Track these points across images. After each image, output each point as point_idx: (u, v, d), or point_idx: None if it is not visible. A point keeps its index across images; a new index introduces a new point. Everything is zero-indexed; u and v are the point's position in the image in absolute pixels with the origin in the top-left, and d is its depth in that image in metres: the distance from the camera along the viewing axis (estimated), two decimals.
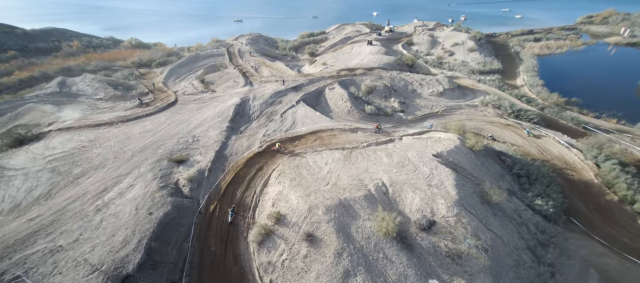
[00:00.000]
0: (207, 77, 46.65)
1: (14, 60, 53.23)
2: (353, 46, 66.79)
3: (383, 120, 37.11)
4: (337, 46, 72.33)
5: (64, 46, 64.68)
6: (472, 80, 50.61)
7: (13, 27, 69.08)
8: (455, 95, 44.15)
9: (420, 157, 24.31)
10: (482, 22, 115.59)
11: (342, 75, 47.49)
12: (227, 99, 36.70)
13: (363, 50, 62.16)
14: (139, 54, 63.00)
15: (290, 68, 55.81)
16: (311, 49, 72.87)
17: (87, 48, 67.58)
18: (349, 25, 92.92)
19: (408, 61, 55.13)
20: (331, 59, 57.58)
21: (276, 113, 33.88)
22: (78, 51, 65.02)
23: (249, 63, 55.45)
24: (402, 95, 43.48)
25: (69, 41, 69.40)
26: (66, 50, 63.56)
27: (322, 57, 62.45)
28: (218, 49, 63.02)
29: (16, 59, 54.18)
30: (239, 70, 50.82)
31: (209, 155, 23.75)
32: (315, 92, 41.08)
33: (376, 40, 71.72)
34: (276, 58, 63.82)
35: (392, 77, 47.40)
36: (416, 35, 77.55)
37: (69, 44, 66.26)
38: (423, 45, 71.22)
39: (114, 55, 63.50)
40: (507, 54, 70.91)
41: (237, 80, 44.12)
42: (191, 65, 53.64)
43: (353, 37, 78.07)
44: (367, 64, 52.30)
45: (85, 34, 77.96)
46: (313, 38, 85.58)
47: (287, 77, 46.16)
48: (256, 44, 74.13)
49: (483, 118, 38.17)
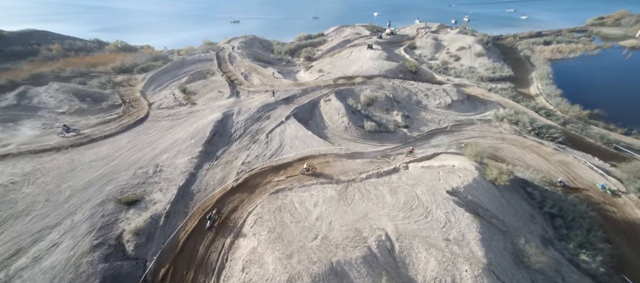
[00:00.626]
0: (190, 86, 41.80)
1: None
2: (352, 50, 61.90)
3: (385, 139, 32.31)
4: (335, 50, 67.48)
5: (43, 49, 60.03)
6: (482, 89, 45.75)
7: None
8: (465, 108, 39.28)
9: (432, 194, 19.49)
10: (486, 23, 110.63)
11: (339, 84, 42.65)
12: (208, 113, 31.88)
13: (363, 55, 57.28)
14: (122, 58, 58.18)
15: (284, 74, 51.01)
16: (308, 52, 68.02)
17: (68, 51, 62.84)
18: (348, 27, 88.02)
19: (411, 67, 50.24)
20: (328, 65, 52.72)
21: (262, 131, 29.06)
22: (58, 55, 60.27)
23: (239, 69, 50.62)
24: (405, 107, 38.63)
25: (49, 44, 64.75)
26: (45, 54, 58.88)
27: (318, 62, 57.62)
28: (207, 53, 58.19)
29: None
30: (226, 77, 45.98)
31: (171, 192, 18.98)
32: (308, 104, 36.26)
33: (377, 43, 66.85)
34: (270, 63, 59.02)
35: (394, 86, 42.55)
36: (419, 38, 72.61)
37: (49, 47, 61.61)
38: (427, 49, 66.31)
39: (96, 59, 58.70)
40: (515, 58, 66.02)
41: (222, 90, 39.28)
42: (175, 72, 48.83)
43: (352, 40, 73.20)
44: (366, 71, 47.43)
45: (69, 36, 73.09)
46: (310, 41, 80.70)
47: (279, 87, 41.34)
48: (250, 47, 69.31)
49: (498, 135, 33.32)
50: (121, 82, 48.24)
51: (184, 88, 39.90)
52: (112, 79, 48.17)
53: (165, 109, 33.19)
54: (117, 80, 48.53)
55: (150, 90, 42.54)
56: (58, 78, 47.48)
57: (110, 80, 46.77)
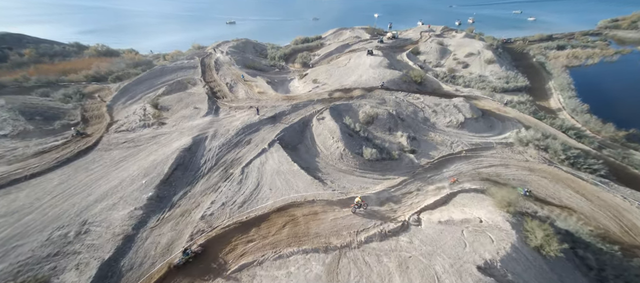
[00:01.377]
0: (165, 99, 36.06)
1: None
2: (350, 56, 56.11)
3: (388, 169, 26.60)
4: (332, 55, 61.66)
5: (13, 55, 54.42)
6: (497, 102, 39.95)
7: None
8: (480, 127, 33.52)
9: (457, 273, 13.80)
10: (492, 25, 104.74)
11: (335, 97, 36.90)
12: (175, 138, 26.19)
13: (362, 62, 51.50)
14: (98, 63, 52.53)
15: (275, 84, 45.26)
16: (304, 58, 62.19)
17: (41, 57, 57.27)
18: (348, 29, 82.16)
19: (416, 78, 44.43)
20: (324, 74, 46.93)
21: (238, 163, 23.36)
22: (30, 60, 54.65)
23: (224, 79, 44.88)
24: (411, 126, 32.88)
25: (23, 48, 59.18)
26: (14, 60, 53.28)
27: (314, 70, 51.80)
28: (192, 59, 52.44)
29: None
30: (209, 88, 40.23)
31: (88, 273, 13.36)
32: (298, 124, 30.53)
33: (377, 48, 61.05)
34: (261, 70, 53.28)
35: (397, 100, 36.80)
36: (423, 42, 66.75)
37: (21, 52, 56.01)
38: (431, 54, 60.48)
39: (71, 65, 53.03)
40: (528, 64, 60.18)
41: (199, 106, 33.54)
42: (152, 82, 43.11)
43: (351, 44, 67.37)
44: (366, 82, 41.67)
45: (47, 40, 67.52)
46: (307, 44, 74.81)
47: (266, 101, 35.61)
48: (241, 52, 63.54)
49: (524, 163, 27.58)
50: (92, 92, 42.55)
51: (157, 103, 34.15)
52: (81, 89, 42.48)
53: (124, 131, 27.42)
54: (87, 90, 42.81)
55: (120, 104, 36.83)
56: (20, 88, 41.83)
57: (78, 91, 41.05)
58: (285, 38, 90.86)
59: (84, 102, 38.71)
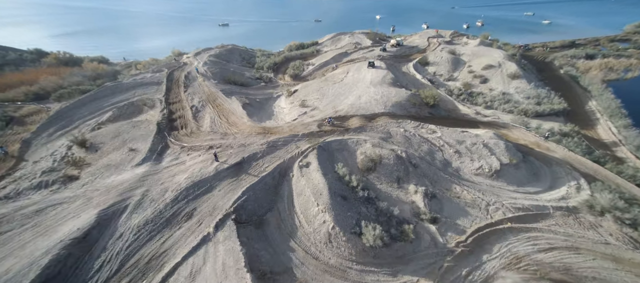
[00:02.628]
0: (99, 133, 26.69)
1: None
2: (348, 69, 46.72)
3: (400, 258, 17.36)
4: (328, 66, 52.32)
5: None
6: (534, 134, 30.52)
7: None
8: (522, 176, 24.16)
9: None
10: (503, 28, 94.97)
11: (325, 130, 27.63)
12: (72, 213, 16.97)
13: (361, 76, 42.14)
14: (49, 76, 43.48)
15: (255, 106, 36.02)
16: (296, 68, 52.85)
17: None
18: (347, 35, 72.61)
19: (428, 99, 34.99)
20: (315, 94, 37.53)
21: (156, 269, 14.27)
22: None
23: (192, 99, 35.60)
24: (427, 175, 23.56)
25: None
26: None
27: (305, 86, 42.37)
28: (158, 72, 43.21)
29: None
30: (167, 114, 31.04)
31: None
32: (272, 176, 21.28)
33: (380, 58, 51.67)
34: (243, 86, 43.97)
35: (407, 134, 27.44)
36: (432, 51, 57.23)
37: None
38: (442, 65, 50.99)
39: (16, 77, 43.94)
40: (555, 77, 50.57)
41: (138, 146, 24.19)
42: (99, 103, 33.91)
43: (350, 52, 57.95)
44: (366, 106, 32.32)
45: (2, 46, 58.64)
46: (302, 51, 65.34)
47: (237, 135, 26.35)
48: (224, 62, 54.25)
49: (601, 247, 18.32)
50: (25, 116, 33.47)
51: (84, 139, 24.92)
52: (11, 112, 33.40)
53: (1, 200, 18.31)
54: (20, 113, 33.68)
55: (44, 137, 27.61)
56: None
57: (4, 116, 32.02)
58: (282, 42, 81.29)
59: (8, 131, 29.68)
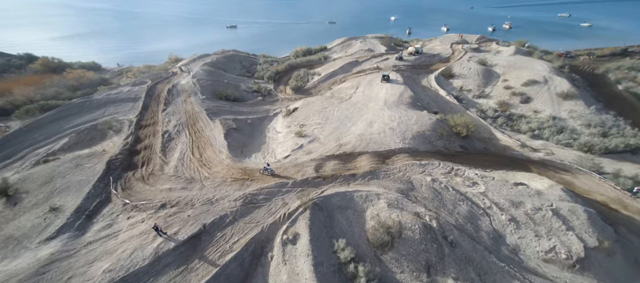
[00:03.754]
0: (33, 174, 20.42)
1: None
2: (359, 82, 39.29)
3: None
4: (336, 77, 45.06)
5: None
6: (615, 187, 22.06)
7: None
8: (620, 271, 16.22)
9: None
10: (533, 31, 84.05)
11: (325, 175, 20.52)
12: None
13: (374, 93, 34.66)
14: (24, 85, 38.67)
15: (243, 131, 29.42)
16: (299, 79, 45.95)
17: None
18: (358, 40, 64.83)
19: (461, 128, 26.97)
20: (316, 117, 30.36)
21: None
22: None
23: (169, 121, 29.36)
24: (472, 260, 15.92)
25: None
26: None
27: (307, 103, 35.27)
28: (138, 86, 37.40)
29: None
30: (130, 143, 24.98)
31: None
32: (241, 259, 14.38)
33: (395, 69, 43.84)
34: (235, 101, 37.49)
35: (436, 187, 19.83)
36: (457, 59, 48.71)
37: None
38: (471, 79, 42.51)
39: None
40: (612, 94, 41.03)
41: (65, 202, 17.96)
42: (59, 125, 28.24)
43: (361, 60, 50.32)
44: (378, 137, 24.88)
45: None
46: (308, 58, 58.28)
47: (206, 180, 19.81)
48: (220, 70, 48.12)
49: None
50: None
51: (5, 186, 18.90)
52: None
53: None
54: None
55: None
56: None
57: None
58: (291, 46, 74.47)
59: None
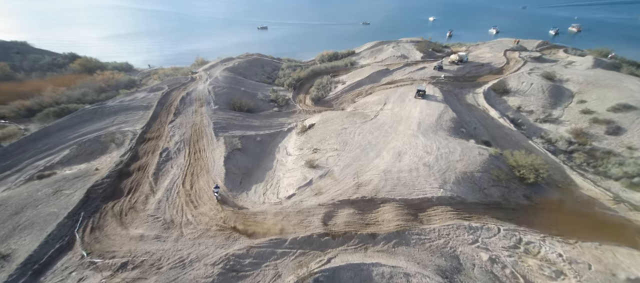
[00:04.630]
0: (10, 198, 18.66)
1: None
2: (388, 97, 33.22)
3: None
4: (362, 87, 39.43)
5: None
6: None
7: None
8: None
9: None
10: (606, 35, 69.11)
11: (335, 231, 15.36)
12: None
13: (406, 113, 28.46)
14: (55, 86, 39.35)
15: (250, 152, 25.52)
16: (321, 87, 41.22)
17: (16, 72, 47.32)
18: (391, 44, 57.90)
19: (526, 172, 19.92)
20: (333, 140, 25.27)
21: None
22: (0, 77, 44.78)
23: (172, 135, 26.52)
24: None
25: (9, 60, 50.24)
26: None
27: (323, 122, 30.31)
28: (153, 92, 35.59)
29: None
30: (125, 161, 22.39)
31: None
32: None
33: (433, 82, 36.81)
34: (250, 111, 33.90)
35: (495, 271, 13.54)
36: (513, 71, 39.80)
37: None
38: (532, 97, 33.82)
39: (31, 87, 40.88)
40: None
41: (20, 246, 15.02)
42: (66, 134, 26.75)
43: (393, 69, 43.84)
44: (409, 180, 18.91)
45: (45, 50, 58.70)
46: (333, 64, 53.11)
47: (187, 227, 15.90)
48: (240, 76, 45.24)
49: None
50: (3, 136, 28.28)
51: None
52: None
53: None
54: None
55: None
56: None
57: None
58: (319, 48, 69.80)
59: None
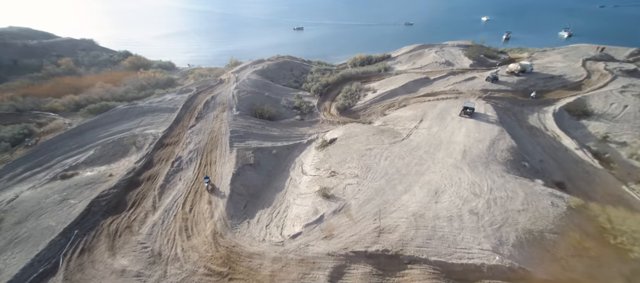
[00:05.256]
0: (22, 202, 18.22)
1: None
2: (425, 113, 27.91)
3: None
4: (395, 98, 34.53)
5: (47, 65, 50.19)
6: None
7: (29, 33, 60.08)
8: None
9: None
10: None
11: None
12: None
13: (447, 135, 23.12)
14: (103, 83, 42.01)
15: (263, 168, 23.05)
16: (349, 96, 37.45)
17: (78, 67, 52.10)
18: (433, 48, 51.04)
19: (629, 243, 13.91)
20: (355, 163, 21.12)
21: None
22: (63, 71, 49.52)
23: (189, 142, 25.28)
24: None
25: (74, 56, 55.83)
26: (48, 70, 48.78)
27: (346, 138, 26.40)
28: (181, 94, 35.37)
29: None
30: (139, 168, 21.55)
31: None
32: None
33: (485, 97, 30.23)
34: (272, 119, 31.71)
35: None
36: (595, 88, 30.93)
37: (57, 62, 51.85)
38: (626, 125, 25.33)
39: (86, 82, 44.28)
40: None
41: (14, 261, 14.45)
42: (95, 133, 27.25)
43: (434, 78, 37.78)
44: (450, 233, 14.03)
45: (105, 48, 64.47)
46: (365, 69, 48.48)
47: (173, 264, 13.71)
48: (267, 79, 43.49)
49: None
50: (47, 132, 30.27)
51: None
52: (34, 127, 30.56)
53: None
54: (42, 129, 30.73)
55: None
56: None
57: (24, 130, 28.90)
58: (355, 50, 65.79)
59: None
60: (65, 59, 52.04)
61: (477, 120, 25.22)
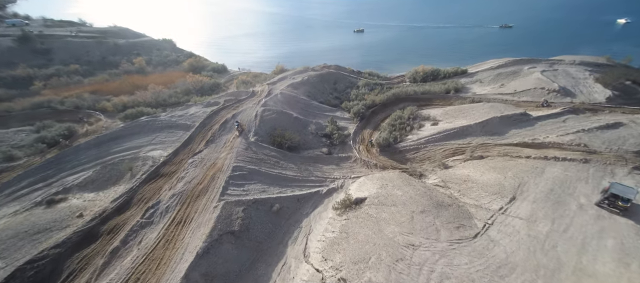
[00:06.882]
0: (6, 227, 16.35)
1: (56, 78, 45.31)
2: (521, 182, 15.81)
3: None
4: (467, 140, 22.82)
5: (124, 62, 55.05)
6: None
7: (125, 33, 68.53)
8: None
9: None
10: None
11: None
12: None
13: (573, 249, 11.48)
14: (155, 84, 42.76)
15: (253, 231, 16.29)
16: (398, 126, 27.49)
17: (147, 66, 55.91)
18: (537, 65, 34.69)
19: None
20: (377, 279, 12.44)
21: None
22: (136, 69, 53.77)
23: (185, 175, 20.55)
24: None
25: (149, 55, 60.84)
26: (124, 68, 53.60)
27: (378, 205, 16.97)
28: (204, 108, 31.57)
29: (59, 76, 46.03)
30: (108, 211, 17.59)
31: None
32: None
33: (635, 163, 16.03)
34: (292, 149, 24.77)
35: None
36: None
37: (131, 60, 56.49)
38: None
39: (148, 81, 46.09)
40: None
41: None
42: (108, 148, 25.10)
43: (537, 116, 23.95)
44: None
45: (180, 48, 68.98)
46: (429, 87, 36.41)
47: None
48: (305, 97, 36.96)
49: None
50: (90, 132, 30.73)
51: None
52: (72, 127, 31.15)
53: None
54: (85, 129, 31.39)
55: None
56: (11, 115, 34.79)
57: (59, 133, 29.41)
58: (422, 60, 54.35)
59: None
60: (139, 58, 56.37)
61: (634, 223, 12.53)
